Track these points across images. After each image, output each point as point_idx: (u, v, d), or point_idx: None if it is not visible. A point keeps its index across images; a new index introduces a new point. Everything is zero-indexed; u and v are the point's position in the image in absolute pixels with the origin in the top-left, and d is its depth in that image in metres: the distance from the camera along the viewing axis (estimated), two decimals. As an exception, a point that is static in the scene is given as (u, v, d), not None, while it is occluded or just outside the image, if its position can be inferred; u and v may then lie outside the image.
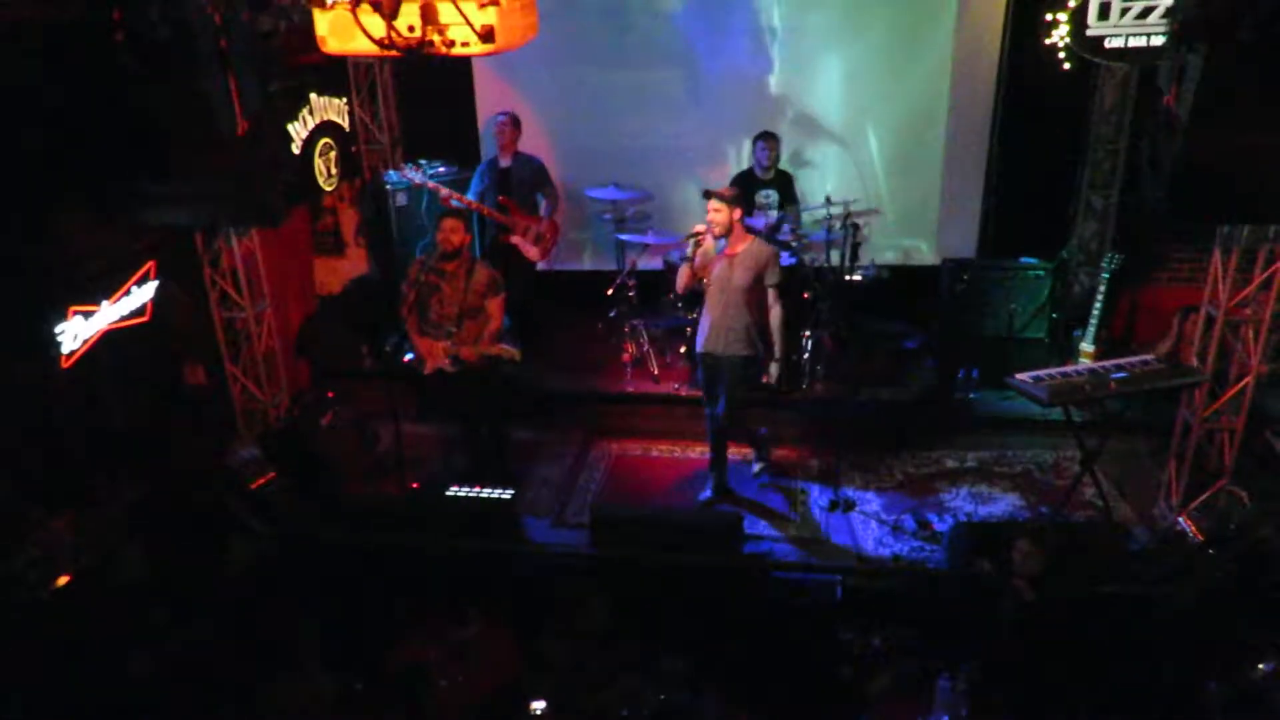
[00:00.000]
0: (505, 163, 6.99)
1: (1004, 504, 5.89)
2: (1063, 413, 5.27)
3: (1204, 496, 5.31)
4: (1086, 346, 6.51)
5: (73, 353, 4.54)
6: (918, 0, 7.21)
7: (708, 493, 5.93)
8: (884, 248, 7.71)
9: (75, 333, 4.58)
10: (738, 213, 5.26)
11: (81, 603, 4.08)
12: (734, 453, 6.04)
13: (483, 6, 3.61)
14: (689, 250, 5.35)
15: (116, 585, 4.29)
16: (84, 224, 4.66)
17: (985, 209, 7.66)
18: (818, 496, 6.00)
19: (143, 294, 5.07)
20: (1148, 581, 4.34)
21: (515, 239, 7.01)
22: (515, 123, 6.98)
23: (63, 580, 4.06)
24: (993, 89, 7.31)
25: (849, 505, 5.89)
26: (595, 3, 7.24)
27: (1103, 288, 6.41)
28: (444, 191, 6.63)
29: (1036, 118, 7.09)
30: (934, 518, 5.73)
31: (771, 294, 5.40)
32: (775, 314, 5.43)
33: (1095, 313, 6.45)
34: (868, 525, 5.72)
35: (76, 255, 4.71)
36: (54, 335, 4.48)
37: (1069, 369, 5.32)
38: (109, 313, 4.83)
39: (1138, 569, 4.51)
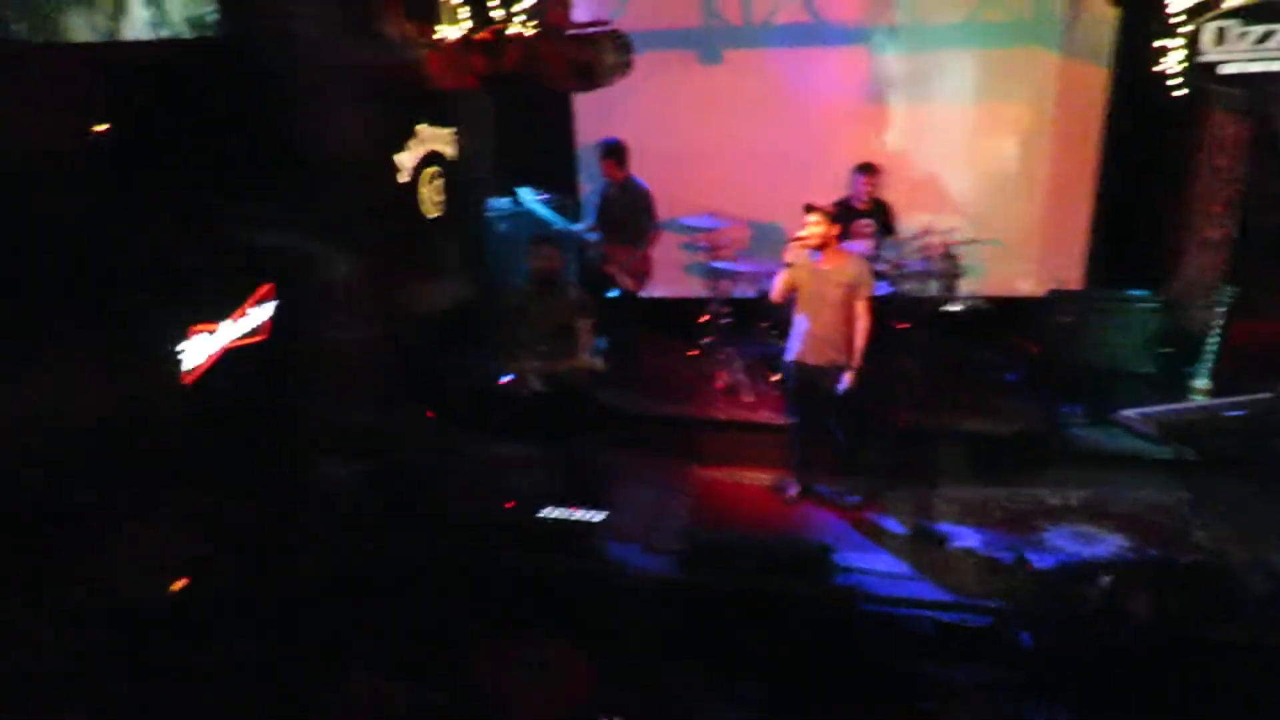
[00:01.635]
0: (610, 192, 7.14)
1: (1109, 545, 5.66)
2: (1173, 451, 5.07)
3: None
4: (1199, 383, 6.24)
5: (194, 369, 4.80)
6: (1021, 25, 7.11)
7: (793, 490, 6.10)
8: (984, 277, 7.56)
9: (197, 350, 4.84)
10: (836, 229, 5.50)
11: (181, 608, 4.28)
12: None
13: (581, 45, 3.76)
14: (789, 256, 5.55)
15: (213, 591, 4.48)
16: (206, 246, 4.94)
17: (1092, 239, 7.45)
18: (910, 529, 5.88)
19: (260, 314, 5.32)
20: (1262, 629, 4.13)
21: (612, 269, 7.13)
22: (611, 153, 7.06)
23: (179, 585, 4.27)
24: (1100, 115, 7.14)
25: (943, 539, 5.76)
26: (692, 31, 7.34)
27: (1217, 321, 6.15)
28: (560, 225, 6.88)
29: (1147, 145, 6.89)
30: (1033, 556, 5.54)
31: (861, 305, 5.57)
32: (861, 325, 5.58)
33: (1209, 348, 6.18)
34: (962, 561, 5.58)
35: (199, 276, 4.99)
36: (177, 352, 4.75)
37: (1180, 406, 5.14)
38: (229, 331, 5.09)
39: (1251, 616, 4.28)
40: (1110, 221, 7.30)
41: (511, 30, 4.00)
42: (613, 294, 7.36)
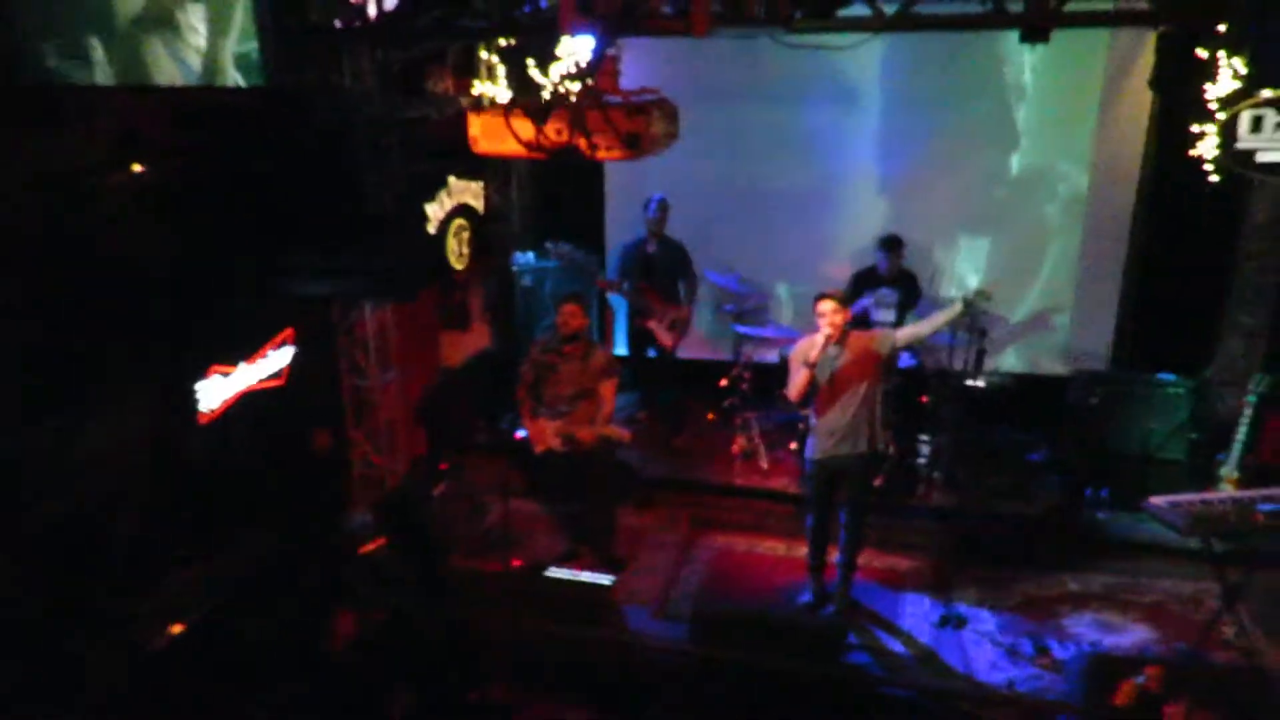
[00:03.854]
0: (652, 248, 7.16)
1: (1133, 636, 5.49)
2: (1202, 542, 4.93)
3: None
4: (1229, 472, 6.09)
5: (211, 410, 4.78)
6: (1057, 105, 7.12)
7: (807, 596, 5.76)
8: (1010, 355, 7.49)
9: (214, 392, 4.82)
10: (848, 315, 5.23)
11: (199, 653, 4.22)
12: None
13: (629, 114, 3.76)
14: (814, 356, 5.15)
15: (232, 639, 4.42)
16: (235, 290, 4.96)
17: (1121, 320, 7.37)
18: (928, 610, 5.73)
19: (280, 358, 5.32)
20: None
21: (651, 324, 7.13)
22: (668, 206, 7.15)
23: (177, 629, 4.21)
24: (1133, 196, 7.11)
25: (961, 622, 5.60)
26: (723, 96, 7.37)
27: (1249, 410, 6.02)
28: (602, 279, 6.94)
29: (1181, 228, 6.82)
30: (1054, 644, 5.38)
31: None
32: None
33: (1240, 437, 6.04)
34: (980, 645, 5.42)
35: (224, 318, 5.01)
36: (194, 393, 4.74)
37: (1210, 496, 4.98)
38: (247, 374, 5.08)
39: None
40: (1142, 302, 7.22)
41: (558, 97, 4.02)
42: (651, 354, 7.37)
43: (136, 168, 4.47)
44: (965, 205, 7.43)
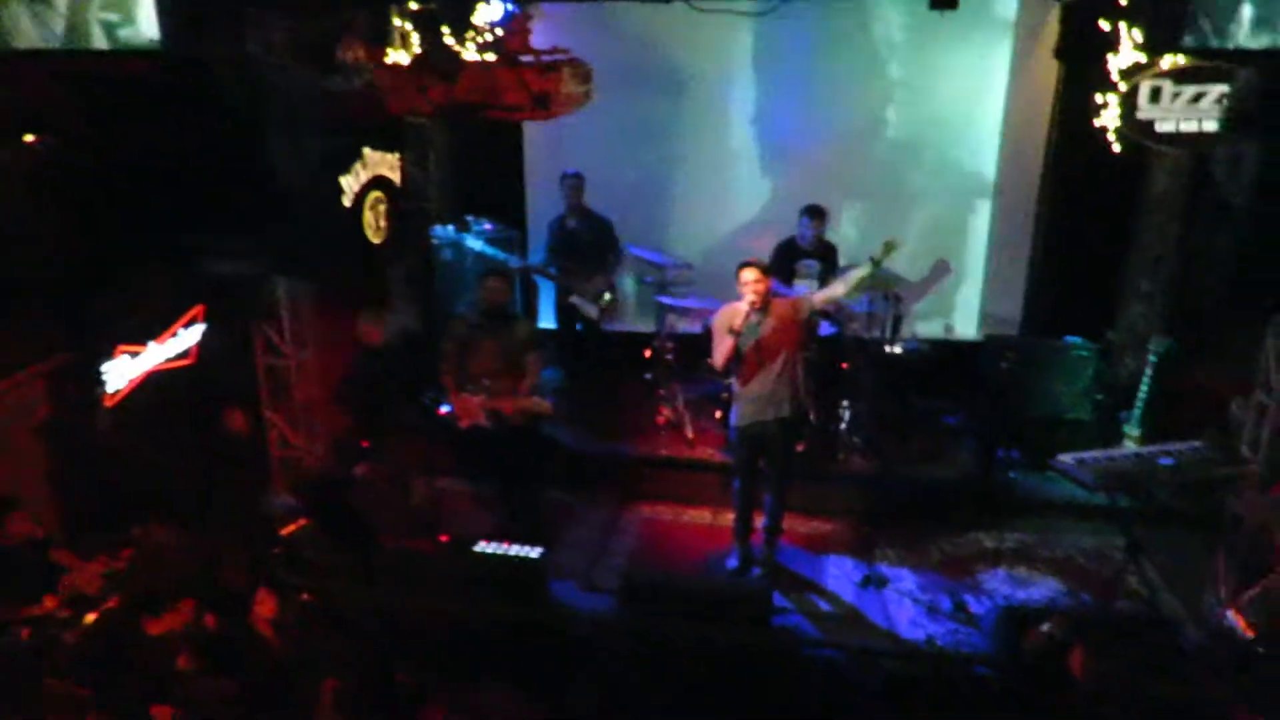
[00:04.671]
0: (572, 223, 7.12)
1: (1044, 589, 5.72)
2: (1107, 498, 5.14)
3: (1254, 590, 5.10)
4: (1132, 431, 6.37)
5: (117, 391, 4.61)
6: (969, 77, 7.27)
7: (734, 562, 5.85)
8: (926, 322, 7.66)
9: (121, 372, 4.64)
10: (770, 281, 5.26)
11: (113, 644, 4.07)
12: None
13: (539, 74, 3.72)
14: (738, 324, 5.17)
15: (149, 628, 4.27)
16: (140, 267, 4.77)
17: (1030, 287, 7.60)
18: (851, 571, 5.87)
19: (189, 337, 5.15)
20: (1196, 680, 4.16)
21: (574, 300, 7.11)
22: (581, 179, 7.13)
23: (90, 618, 4.06)
24: (1040, 167, 7.31)
25: (882, 582, 5.75)
26: (643, 71, 7.35)
27: (1149, 371, 6.29)
28: (515, 262, 6.96)
29: (1085, 197, 7.04)
30: (971, 600, 5.57)
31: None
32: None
33: (1141, 396, 6.32)
34: (901, 604, 5.58)
35: (128, 296, 4.81)
36: (100, 374, 4.55)
37: (1114, 453, 5.20)
38: (156, 354, 4.90)
39: (1186, 666, 4.32)
40: (1050, 269, 7.45)
41: (468, 56, 3.96)
42: (578, 327, 7.34)
43: (28, 139, 4.27)
44: (878, 175, 7.56)
